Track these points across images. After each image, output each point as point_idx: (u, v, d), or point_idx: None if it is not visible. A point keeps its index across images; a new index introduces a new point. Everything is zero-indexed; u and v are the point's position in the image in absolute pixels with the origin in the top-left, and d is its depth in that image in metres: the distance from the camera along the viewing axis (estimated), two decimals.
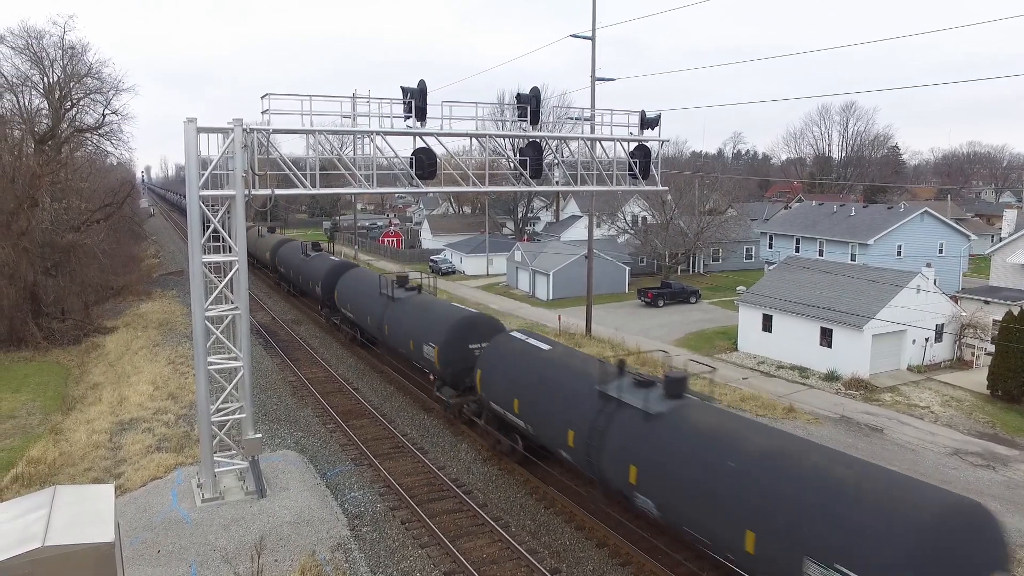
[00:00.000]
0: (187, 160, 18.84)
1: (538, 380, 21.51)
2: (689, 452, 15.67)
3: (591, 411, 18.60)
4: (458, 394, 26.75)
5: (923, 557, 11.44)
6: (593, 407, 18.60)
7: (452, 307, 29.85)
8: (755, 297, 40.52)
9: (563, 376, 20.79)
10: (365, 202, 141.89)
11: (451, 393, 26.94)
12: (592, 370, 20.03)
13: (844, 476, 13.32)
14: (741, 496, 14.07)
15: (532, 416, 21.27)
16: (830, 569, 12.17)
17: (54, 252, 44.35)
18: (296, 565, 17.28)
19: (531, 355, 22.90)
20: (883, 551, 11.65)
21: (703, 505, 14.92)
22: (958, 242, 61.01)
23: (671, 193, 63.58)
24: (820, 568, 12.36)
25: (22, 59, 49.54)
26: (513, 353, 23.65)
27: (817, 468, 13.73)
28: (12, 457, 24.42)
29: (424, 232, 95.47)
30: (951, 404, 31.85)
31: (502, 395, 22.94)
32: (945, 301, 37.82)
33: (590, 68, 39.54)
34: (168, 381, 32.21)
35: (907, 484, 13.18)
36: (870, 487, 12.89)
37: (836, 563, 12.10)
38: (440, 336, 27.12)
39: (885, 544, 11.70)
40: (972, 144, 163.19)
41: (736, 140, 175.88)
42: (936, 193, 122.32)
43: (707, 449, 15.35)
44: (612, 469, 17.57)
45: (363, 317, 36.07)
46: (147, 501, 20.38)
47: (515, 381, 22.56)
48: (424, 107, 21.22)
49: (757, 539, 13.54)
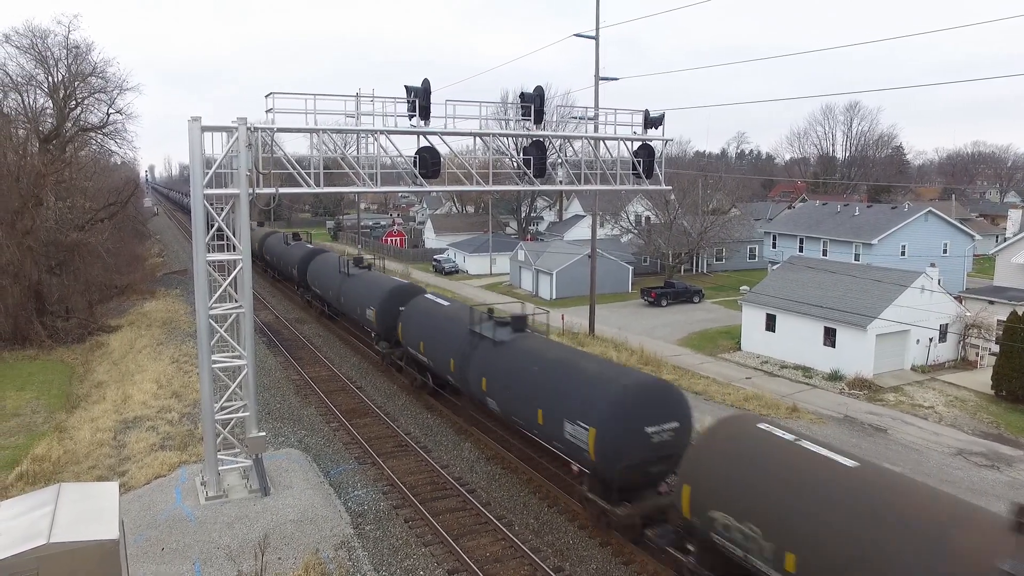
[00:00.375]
0: (191, 159, 18.88)
1: (435, 326, 28.39)
2: (516, 365, 22.56)
3: (464, 344, 25.52)
4: (390, 346, 33.82)
5: (617, 410, 18.16)
6: (466, 341, 25.52)
7: (388, 279, 37.34)
8: (759, 297, 40.48)
9: (450, 322, 27.48)
10: (368, 202, 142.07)
11: (385, 346, 34.21)
12: (468, 316, 26.28)
13: (591, 369, 20.32)
14: (537, 388, 21.02)
15: (431, 353, 27.93)
16: (575, 424, 18.94)
17: (58, 251, 44.47)
18: (300, 563, 17.31)
19: (432, 310, 29.87)
20: (597, 409, 18.40)
21: (519, 398, 21.73)
22: (962, 242, 60.84)
23: (674, 193, 63.55)
24: (569, 424, 19.17)
25: (27, 58, 49.71)
26: (422, 309, 30.60)
27: (578, 366, 20.66)
28: (17, 455, 24.50)
29: (427, 231, 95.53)
30: (955, 404, 31.78)
31: (414, 341, 29.82)
32: (949, 301, 37.73)
33: (594, 67, 39.57)
34: (172, 380, 32.29)
35: (627, 370, 21.39)
36: (601, 373, 19.90)
37: (578, 420, 18.85)
38: (377, 300, 34.17)
39: (599, 405, 18.46)
40: (976, 144, 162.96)
41: (740, 140, 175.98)
42: (940, 193, 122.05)
43: (524, 362, 22.36)
44: (473, 382, 24.40)
45: (327, 291, 43.37)
46: (151, 499, 20.43)
47: (422, 328, 29.54)
48: (428, 106, 21.26)
49: (543, 413, 20.42)
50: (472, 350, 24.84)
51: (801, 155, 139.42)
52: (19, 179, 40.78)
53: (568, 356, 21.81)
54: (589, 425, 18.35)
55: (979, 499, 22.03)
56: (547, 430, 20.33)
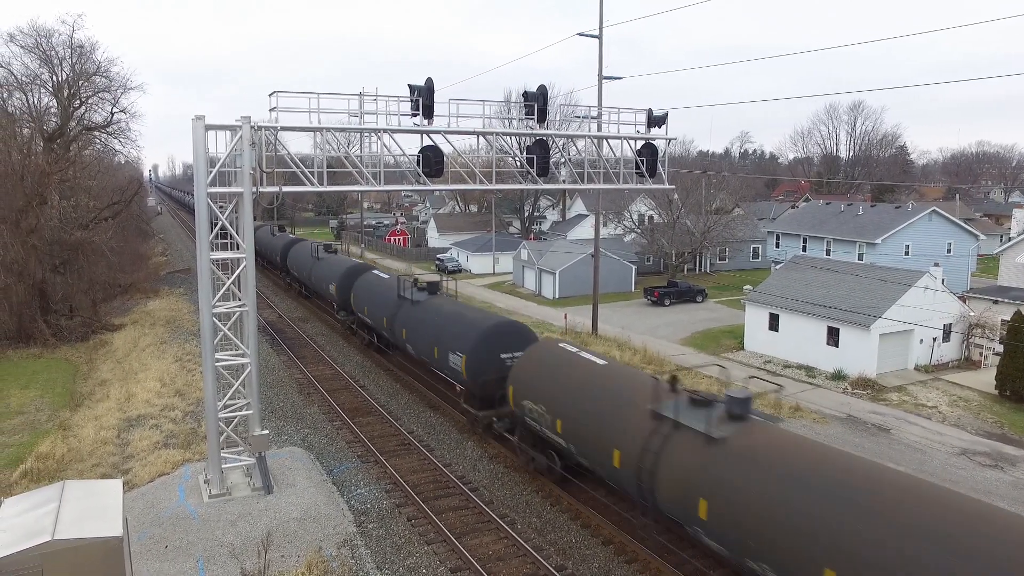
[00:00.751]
0: (195, 157, 18.91)
1: (376, 294, 29.10)
2: (424, 317, 29.04)
3: (393, 306, 29.03)
4: (347, 314, 35.05)
5: (480, 341, 25.09)
6: (394, 303, 28.67)
7: (348, 260, 42.03)
8: (762, 296, 40.44)
9: (386, 289, 28.29)
10: (372, 201, 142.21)
11: (344, 314, 36.12)
12: (397, 284, 28.93)
13: (468, 315, 26.92)
14: (434, 331, 28.20)
15: (373, 315, 28.13)
16: (453, 353, 25.78)
17: (62, 250, 44.57)
18: (302, 561, 17.33)
19: (375, 282, 30.20)
20: (468, 341, 25.31)
21: (424, 340, 28.72)
22: (966, 242, 60.72)
23: (678, 192, 63.49)
24: (451, 354, 26.00)
25: (31, 58, 49.76)
26: (368, 282, 33.81)
27: (461, 315, 27.39)
28: (21, 452, 24.58)
29: (430, 231, 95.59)
30: (959, 404, 31.72)
31: (361, 307, 32.33)
32: (953, 300, 37.65)
33: (597, 67, 39.54)
34: (175, 378, 32.36)
35: (492, 315, 28.05)
36: (474, 318, 26.86)
37: (455, 350, 25.78)
38: (336, 277, 37.47)
39: (469, 339, 25.33)
40: (981, 144, 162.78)
41: (743, 139, 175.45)
42: (944, 193, 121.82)
43: (430, 315, 29.13)
44: (397, 333, 28.98)
45: (301, 272, 50.31)
46: (155, 497, 20.48)
47: (368, 297, 32.20)
48: (431, 105, 21.27)
49: (437, 349, 26.95)
50: (398, 310, 31.27)
51: (805, 155, 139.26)
52: (24, 178, 40.86)
53: (457, 308, 28.61)
54: (463, 353, 25.26)
55: (983, 499, 21.97)
56: (439, 362, 27.25)
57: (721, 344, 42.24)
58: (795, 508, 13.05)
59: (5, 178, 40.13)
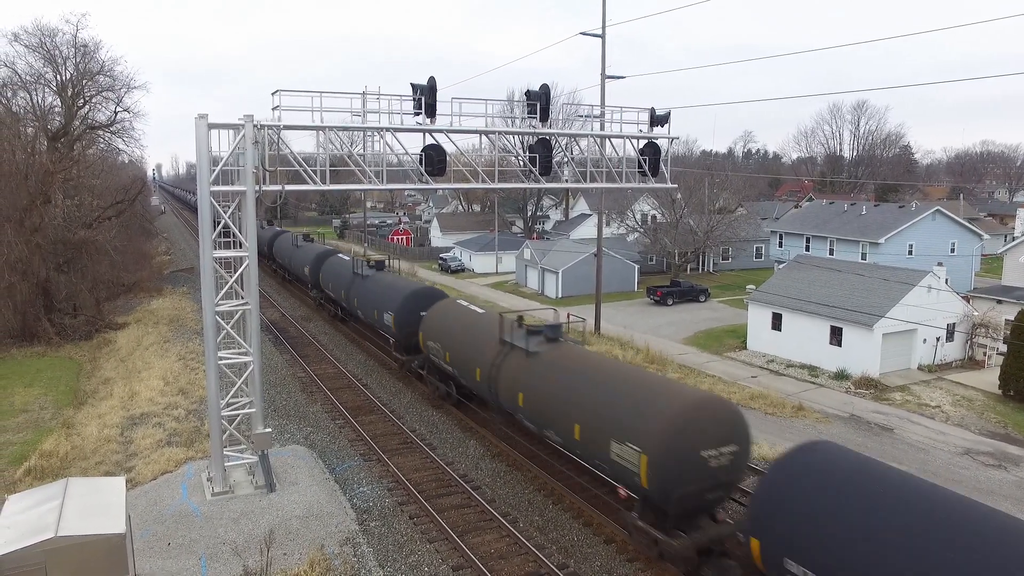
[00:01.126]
0: (198, 156, 18.95)
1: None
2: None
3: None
4: (319, 292, 38.34)
5: (404, 302, 31.76)
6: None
7: (318, 247, 45.26)
8: (765, 296, 40.41)
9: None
10: (375, 200, 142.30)
11: (316, 292, 38.99)
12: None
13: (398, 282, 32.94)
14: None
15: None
16: (386, 313, 32.35)
17: (66, 248, 44.67)
18: (305, 558, 17.36)
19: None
20: (395, 303, 32.21)
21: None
22: (970, 241, 60.61)
23: (681, 191, 63.46)
24: (384, 314, 33.17)
25: (36, 57, 49.90)
26: (333, 264, 36.28)
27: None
28: (25, 450, 24.66)
29: (433, 230, 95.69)
30: (962, 404, 31.66)
31: (326, 283, 35.77)
32: (956, 300, 37.58)
33: (600, 66, 39.54)
34: (178, 376, 32.44)
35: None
36: (401, 285, 33.04)
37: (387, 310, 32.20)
38: (310, 262, 40.65)
39: (396, 301, 32.20)
40: (985, 143, 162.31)
41: (746, 139, 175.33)
42: (948, 192, 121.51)
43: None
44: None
45: (286, 262, 56.41)
46: (158, 494, 20.54)
47: (334, 279, 35.06)
48: (434, 104, 21.30)
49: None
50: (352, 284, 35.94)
51: (808, 154, 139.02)
52: (28, 177, 40.98)
53: (392, 280, 28.37)
54: (392, 312, 27.95)
55: (986, 499, 21.95)
56: (378, 321, 29.54)
57: (724, 344, 42.21)
58: (565, 392, 19.67)
59: (9, 177, 40.25)
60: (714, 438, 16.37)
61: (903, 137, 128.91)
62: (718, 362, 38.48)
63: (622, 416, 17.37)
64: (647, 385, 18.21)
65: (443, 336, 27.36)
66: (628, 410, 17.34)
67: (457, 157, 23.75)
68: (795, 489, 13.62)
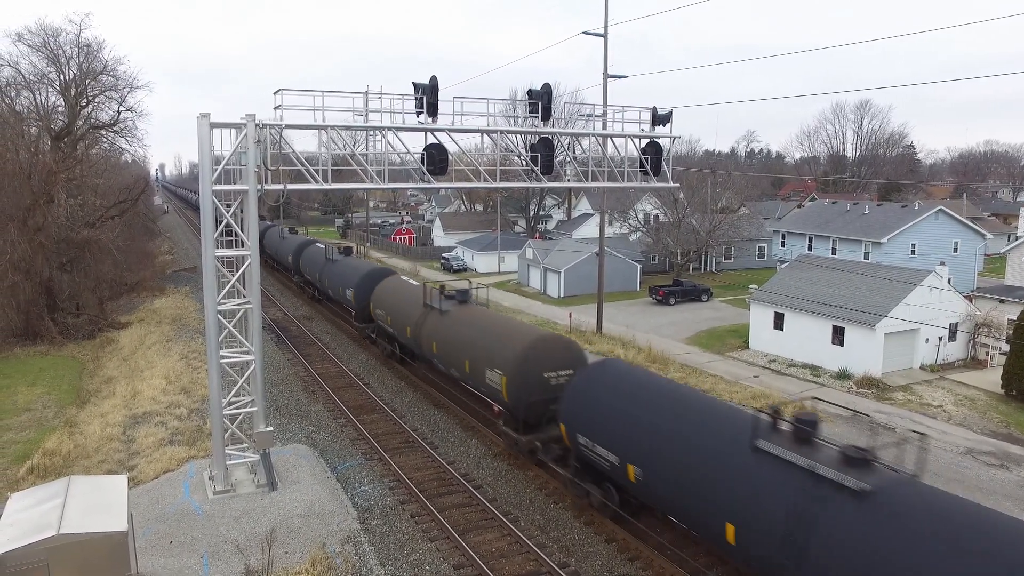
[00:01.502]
0: (200, 155, 19.00)
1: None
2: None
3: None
4: (301, 278, 42.28)
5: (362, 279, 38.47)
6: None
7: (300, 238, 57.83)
8: (767, 295, 40.37)
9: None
10: (378, 200, 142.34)
11: (298, 278, 43.35)
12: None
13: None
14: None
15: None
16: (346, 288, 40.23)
17: (69, 248, 44.78)
18: (306, 557, 17.40)
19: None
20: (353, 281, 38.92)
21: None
22: (973, 241, 60.50)
23: (683, 191, 63.43)
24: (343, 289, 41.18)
25: (39, 56, 50.09)
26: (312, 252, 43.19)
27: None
28: (28, 449, 24.74)
29: (436, 229, 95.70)
30: (964, 403, 31.61)
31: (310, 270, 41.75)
32: (959, 300, 37.51)
33: (602, 65, 39.53)
34: (181, 376, 32.50)
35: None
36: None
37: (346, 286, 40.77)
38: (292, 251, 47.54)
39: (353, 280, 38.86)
40: (989, 143, 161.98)
41: (749, 139, 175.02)
42: (952, 192, 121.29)
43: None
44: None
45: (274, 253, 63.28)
46: (160, 493, 20.60)
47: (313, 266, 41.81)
48: (436, 103, 21.31)
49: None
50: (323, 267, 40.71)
51: (811, 154, 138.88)
52: (31, 176, 41.09)
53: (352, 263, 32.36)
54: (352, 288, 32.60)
55: (988, 498, 21.94)
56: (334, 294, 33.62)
57: (726, 343, 42.19)
58: (461, 338, 25.62)
59: (13, 176, 40.36)
60: (554, 363, 22.43)
61: (906, 137, 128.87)
62: (720, 362, 38.46)
63: (493, 350, 23.44)
64: (511, 327, 24.72)
65: (386, 305, 33.61)
66: (496, 346, 23.41)
67: (459, 157, 23.77)
68: (584, 389, 19.49)
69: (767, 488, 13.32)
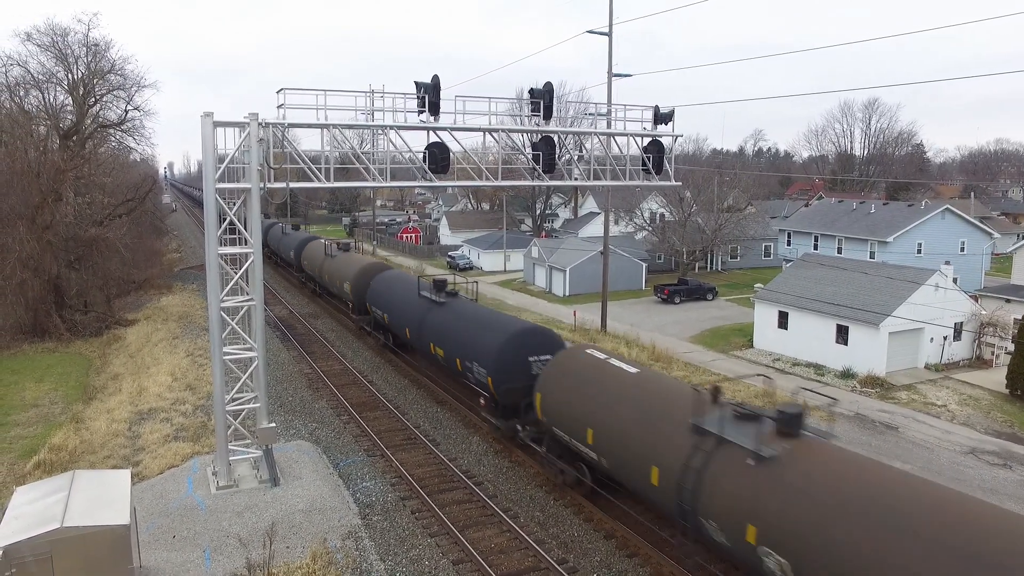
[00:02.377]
0: (204, 153, 19.18)
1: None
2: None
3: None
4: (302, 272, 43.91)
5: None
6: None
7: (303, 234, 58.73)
8: (771, 294, 40.33)
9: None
10: (385, 198, 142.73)
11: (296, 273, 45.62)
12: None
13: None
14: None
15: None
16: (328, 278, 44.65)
17: (77, 246, 45.16)
18: (307, 552, 17.57)
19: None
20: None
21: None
22: (980, 240, 60.17)
23: (689, 190, 63.34)
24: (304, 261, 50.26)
25: (48, 56, 50.49)
26: (312, 248, 43.02)
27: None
28: (35, 444, 25.02)
29: (442, 228, 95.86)
30: (968, 403, 31.52)
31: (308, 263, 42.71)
32: (964, 299, 37.38)
33: (607, 64, 39.57)
34: (186, 373, 32.75)
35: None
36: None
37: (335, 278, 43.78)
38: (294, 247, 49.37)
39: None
40: (999, 141, 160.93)
41: (757, 137, 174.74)
42: (961, 191, 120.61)
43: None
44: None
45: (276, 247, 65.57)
46: (163, 488, 20.80)
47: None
48: (437, 102, 21.40)
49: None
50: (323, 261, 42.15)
51: (819, 153, 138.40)
52: (39, 175, 41.45)
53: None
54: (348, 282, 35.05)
55: (991, 498, 21.89)
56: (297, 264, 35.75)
57: (730, 342, 42.16)
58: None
59: (21, 175, 40.73)
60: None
61: (915, 135, 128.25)
62: (724, 360, 38.45)
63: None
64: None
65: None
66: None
67: (463, 155, 23.86)
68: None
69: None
